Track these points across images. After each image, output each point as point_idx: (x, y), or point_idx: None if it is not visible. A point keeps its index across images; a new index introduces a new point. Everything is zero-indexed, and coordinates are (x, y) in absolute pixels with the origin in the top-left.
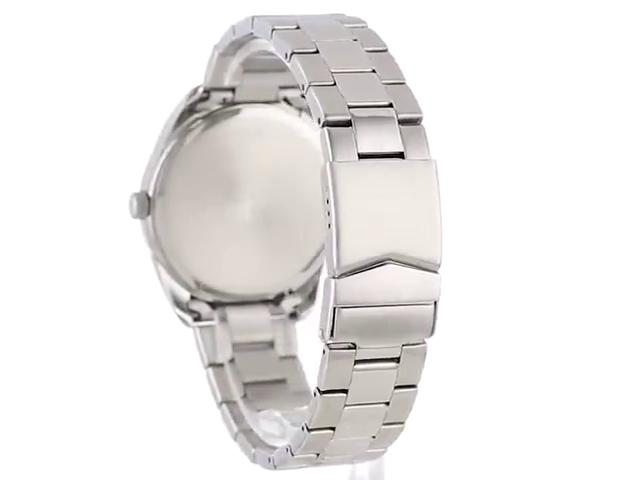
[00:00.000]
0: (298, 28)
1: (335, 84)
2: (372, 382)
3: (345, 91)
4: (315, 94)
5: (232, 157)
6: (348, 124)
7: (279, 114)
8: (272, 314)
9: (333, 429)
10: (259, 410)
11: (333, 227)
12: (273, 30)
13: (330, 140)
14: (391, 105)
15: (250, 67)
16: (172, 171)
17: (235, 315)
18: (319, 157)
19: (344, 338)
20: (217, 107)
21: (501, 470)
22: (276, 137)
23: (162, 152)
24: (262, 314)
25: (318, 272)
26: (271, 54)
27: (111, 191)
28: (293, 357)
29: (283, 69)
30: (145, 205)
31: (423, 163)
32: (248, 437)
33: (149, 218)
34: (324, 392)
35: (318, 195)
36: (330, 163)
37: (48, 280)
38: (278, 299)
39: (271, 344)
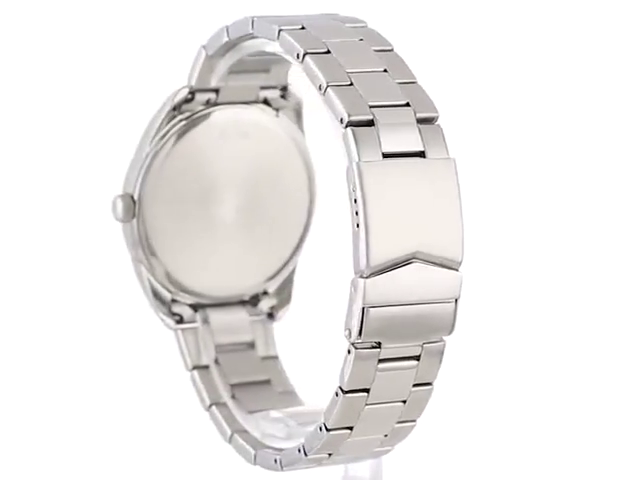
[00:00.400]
0: (303, 28)
1: (352, 84)
2: (393, 381)
3: (363, 91)
4: (335, 94)
5: (214, 159)
6: (370, 124)
7: (258, 114)
8: (250, 315)
9: (351, 429)
10: (250, 411)
11: (362, 227)
12: (280, 31)
13: (355, 140)
14: (408, 104)
15: (237, 68)
16: (157, 174)
17: (216, 316)
18: (296, 157)
19: (371, 338)
20: (200, 108)
21: (499, 469)
22: (255, 138)
23: (147, 155)
24: (241, 315)
25: (293, 272)
26: (266, 54)
27: (87, 192)
28: (274, 357)
29: (267, 70)
30: (131, 208)
31: (443, 162)
32: (244, 438)
33: (134, 221)
34: (347, 392)
35: (293, 195)
36: (357, 163)
37: (25, 283)
38: (254, 300)
39: (252, 345)
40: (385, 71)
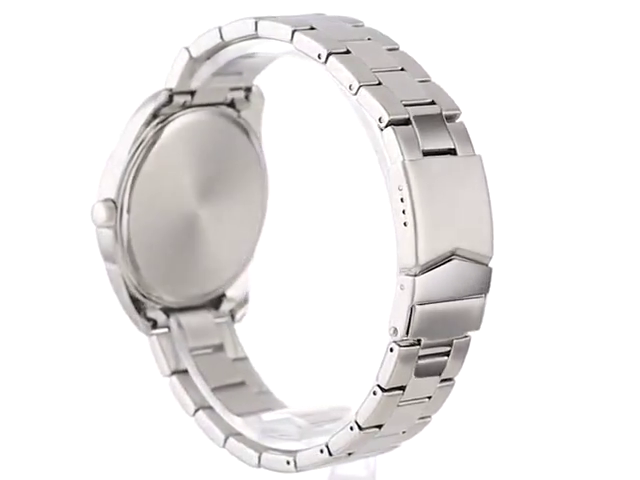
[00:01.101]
0: (313, 29)
1: (380, 83)
2: (429, 378)
3: (392, 90)
4: (370, 94)
5: (184, 163)
6: (407, 122)
7: (223, 115)
8: (215, 317)
9: (380, 427)
10: (239, 414)
11: (410, 225)
12: (294, 31)
13: (398, 139)
14: (433, 102)
15: (223, 70)
16: (136, 179)
17: (186, 320)
18: (254, 159)
19: (416, 335)
20: (175, 111)
21: (491, 467)
22: (220, 140)
23: (128, 161)
24: (208, 318)
25: (248, 273)
26: (250, 56)
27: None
28: (244, 359)
29: (241, 72)
30: (113, 213)
31: (473, 158)
32: (241, 441)
33: (117, 226)
34: (387, 390)
35: (250, 197)
36: (402, 162)
37: None
38: (217, 302)
39: (221, 347)
40: (402, 70)
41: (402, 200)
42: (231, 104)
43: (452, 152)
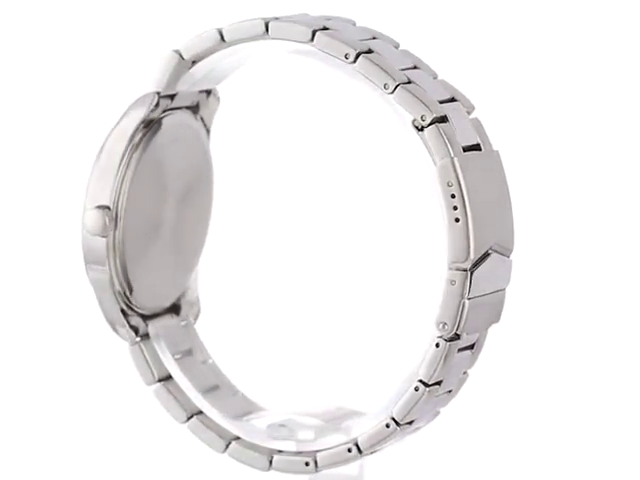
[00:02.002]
0: (326, 29)
1: (410, 82)
2: (458, 371)
3: (424, 88)
4: (408, 92)
5: (164, 167)
6: (445, 119)
7: (188, 119)
8: (180, 321)
9: (411, 423)
10: (233, 417)
11: (462, 221)
12: (315, 31)
13: (443, 136)
14: (454, 99)
15: (215, 72)
16: (131, 186)
17: (162, 325)
18: (206, 160)
19: (463, 330)
20: (157, 116)
21: (481, 465)
22: (187, 144)
23: (120, 167)
24: (175, 322)
25: (196, 277)
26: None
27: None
28: (210, 361)
29: (212, 75)
30: (111, 222)
31: (494, 153)
32: (245, 445)
33: (112, 234)
34: (429, 385)
35: (203, 201)
36: (452, 159)
37: None
38: (177, 307)
39: (190, 351)
40: (416, 67)
41: (453, 196)
42: (195, 106)
43: (477, 147)
